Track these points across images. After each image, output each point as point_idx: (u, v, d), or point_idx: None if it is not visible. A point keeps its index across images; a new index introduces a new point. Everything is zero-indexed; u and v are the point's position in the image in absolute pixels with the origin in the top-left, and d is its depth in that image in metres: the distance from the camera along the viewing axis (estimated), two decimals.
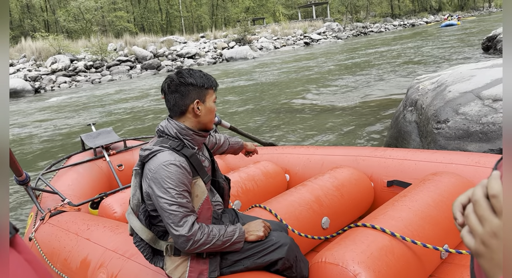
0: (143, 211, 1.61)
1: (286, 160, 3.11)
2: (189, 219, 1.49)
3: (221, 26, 46.18)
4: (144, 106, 11.08)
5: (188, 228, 1.47)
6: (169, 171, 1.48)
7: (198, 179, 1.58)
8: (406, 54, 16.13)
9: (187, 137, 1.61)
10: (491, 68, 3.79)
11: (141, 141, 3.92)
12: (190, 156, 1.57)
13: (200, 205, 1.57)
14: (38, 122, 10.49)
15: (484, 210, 0.50)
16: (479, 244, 0.51)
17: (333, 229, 2.31)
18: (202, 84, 1.60)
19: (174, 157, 1.51)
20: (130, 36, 29.89)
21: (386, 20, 51.81)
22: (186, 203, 1.49)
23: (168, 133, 1.61)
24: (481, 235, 0.50)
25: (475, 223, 0.52)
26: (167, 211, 1.47)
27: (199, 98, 1.60)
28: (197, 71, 1.64)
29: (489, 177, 0.52)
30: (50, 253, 2.37)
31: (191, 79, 1.59)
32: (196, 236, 1.48)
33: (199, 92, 1.60)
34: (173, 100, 1.60)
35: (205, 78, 1.63)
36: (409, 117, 4.15)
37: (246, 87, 12.54)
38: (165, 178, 1.47)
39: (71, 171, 3.30)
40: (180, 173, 1.49)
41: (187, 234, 1.47)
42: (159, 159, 1.51)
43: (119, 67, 21.99)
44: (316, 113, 7.77)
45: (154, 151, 1.54)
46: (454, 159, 2.38)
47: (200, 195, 1.58)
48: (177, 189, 1.47)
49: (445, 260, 1.99)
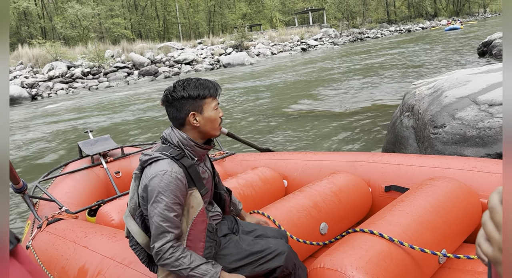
0: (139, 215, 1.61)
1: (284, 165, 3.11)
2: (168, 236, 1.48)
3: (218, 33, 46.34)
4: (141, 113, 11.07)
5: (161, 243, 1.48)
6: (163, 181, 1.48)
7: (194, 190, 1.58)
8: (403, 60, 16.22)
9: (188, 148, 1.62)
10: (487, 73, 3.81)
11: (139, 148, 3.92)
12: (188, 166, 1.57)
13: (195, 216, 1.57)
14: (35, 130, 10.46)
15: (501, 217, 0.49)
16: (497, 252, 0.50)
17: (331, 234, 2.31)
18: (197, 95, 1.59)
19: (171, 167, 1.51)
20: (127, 42, 29.95)
21: (382, 26, 52.15)
22: (172, 217, 1.48)
23: (170, 142, 1.62)
24: (499, 242, 0.49)
25: (492, 230, 0.51)
26: (153, 220, 1.49)
27: (194, 110, 1.60)
28: (193, 81, 1.62)
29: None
30: (47, 261, 2.36)
31: (183, 92, 1.59)
32: (166, 254, 1.48)
33: (193, 104, 1.59)
34: (171, 114, 1.63)
35: (201, 88, 1.60)
36: (406, 122, 4.17)
37: (243, 93, 12.57)
38: (158, 188, 1.48)
39: (69, 179, 3.29)
40: (174, 185, 1.49)
41: (156, 248, 1.48)
42: (157, 167, 1.52)
43: (116, 74, 22.01)
44: (314, 118, 7.79)
45: (154, 157, 1.55)
46: (451, 164, 2.39)
47: (196, 206, 1.57)
48: (167, 200, 1.47)
49: (443, 264, 1.99)
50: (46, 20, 43.95)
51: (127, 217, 1.64)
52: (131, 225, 1.62)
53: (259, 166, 3.13)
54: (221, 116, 1.67)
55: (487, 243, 0.52)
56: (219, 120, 1.66)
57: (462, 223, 2.05)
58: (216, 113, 1.64)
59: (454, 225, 2.01)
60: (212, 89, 1.63)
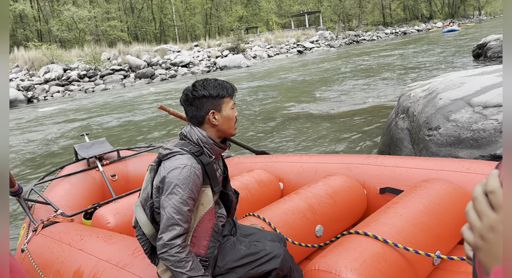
0: (149, 206, 1.64)
1: (279, 168, 3.12)
2: (177, 229, 1.50)
3: (215, 35, 46.38)
4: (138, 116, 11.06)
5: (171, 236, 1.49)
6: (182, 174, 1.52)
7: (207, 188, 1.62)
8: (398, 62, 16.30)
9: (207, 145, 1.65)
10: (481, 76, 3.85)
11: (135, 151, 3.92)
12: (206, 164, 1.61)
13: (204, 214, 1.59)
14: (31, 133, 10.43)
15: (482, 206, 0.52)
16: (477, 238, 0.53)
17: (326, 236, 2.31)
18: (216, 94, 1.64)
19: (191, 162, 1.55)
20: (123, 45, 29.91)
21: (378, 28, 52.39)
22: (185, 211, 1.51)
23: (190, 139, 1.65)
24: (479, 229, 0.52)
25: (474, 219, 0.54)
26: (165, 211, 1.51)
27: (214, 108, 1.64)
28: (212, 81, 1.67)
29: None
30: (42, 265, 2.35)
31: (204, 91, 1.63)
32: (171, 250, 1.49)
33: (213, 103, 1.64)
34: (190, 113, 1.67)
35: (220, 87, 1.66)
36: (401, 124, 4.19)
37: (239, 95, 12.58)
38: (176, 180, 1.51)
39: (64, 182, 3.28)
40: (192, 179, 1.52)
41: (166, 241, 1.49)
42: (177, 161, 1.55)
43: (112, 77, 21.97)
44: (309, 120, 7.81)
45: (174, 151, 1.59)
46: (445, 166, 2.41)
47: (206, 204, 1.60)
48: (183, 193, 1.50)
49: (438, 266, 2.01)
50: (42, 22, 43.86)
51: (137, 207, 1.68)
52: (140, 215, 1.65)
53: (255, 169, 3.14)
54: (237, 115, 1.72)
55: (470, 231, 0.55)
56: (235, 119, 1.71)
57: (456, 224, 2.06)
58: (233, 112, 1.69)
59: (448, 227, 2.02)
60: (230, 89, 1.69)
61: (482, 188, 0.54)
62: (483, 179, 0.56)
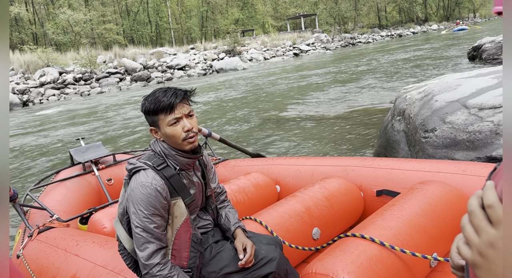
0: (126, 221, 1.61)
1: (276, 171, 3.11)
2: (150, 246, 1.48)
3: (211, 38, 46.45)
4: (133, 119, 11.03)
5: (147, 255, 1.48)
6: (142, 193, 1.49)
7: (178, 200, 1.57)
8: (394, 64, 16.36)
9: (170, 157, 1.60)
10: (476, 78, 3.86)
11: (131, 155, 3.90)
12: (169, 177, 1.56)
13: (179, 226, 1.57)
14: (26, 137, 10.37)
15: (480, 220, 0.50)
16: (476, 255, 0.50)
17: (323, 239, 2.31)
18: (149, 110, 1.55)
19: (151, 179, 1.51)
20: (119, 48, 29.90)
21: (373, 31, 52.63)
22: (152, 228, 1.49)
23: (154, 150, 1.63)
24: (478, 245, 0.50)
25: (471, 234, 0.51)
26: (134, 231, 1.51)
27: (153, 125, 1.60)
28: (157, 93, 1.55)
29: (483, 187, 0.51)
30: (38, 270, 2.33)
31: (143, 107, 1.59)
32: (152, 270, 1.48)
33: (151, 119, 1.58)
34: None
35: (153, 103, 1.53)
36: (397, 126, 4.20)
37: (236, 98, 12.58)
38: (137, 199, 1.49)
39: (60, 186, 3.26)
40: (153, 197, 1.49)
41: (144, 261, 1.48)
42: (139, 179, 1.52)
43: (108, 80, 21.93)
44: (306, 123, 7.81)
45: (137, 166, 1.56)
46: (442, 168, 2.41)
47: (180, 216, 1.57)
48: (145, 212, 1.48)
49: (435, 268, 2.01)
50: (38, 26, 43.73)
51: (116, 222, 1.66)
52: (119, 230, 1.62)
53: (251, 172, 3.14)
54: (188, 130, 1.54)
55: (466, 246, 0.52)
56: (181, 135, 1.53)
57: (452, 226, 2.06)
58: (173, 129, 1.53)
59: (445, 229, 2.02)
60: (164, 103, 1.51)
61: (478, 200, 0.51)
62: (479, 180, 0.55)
